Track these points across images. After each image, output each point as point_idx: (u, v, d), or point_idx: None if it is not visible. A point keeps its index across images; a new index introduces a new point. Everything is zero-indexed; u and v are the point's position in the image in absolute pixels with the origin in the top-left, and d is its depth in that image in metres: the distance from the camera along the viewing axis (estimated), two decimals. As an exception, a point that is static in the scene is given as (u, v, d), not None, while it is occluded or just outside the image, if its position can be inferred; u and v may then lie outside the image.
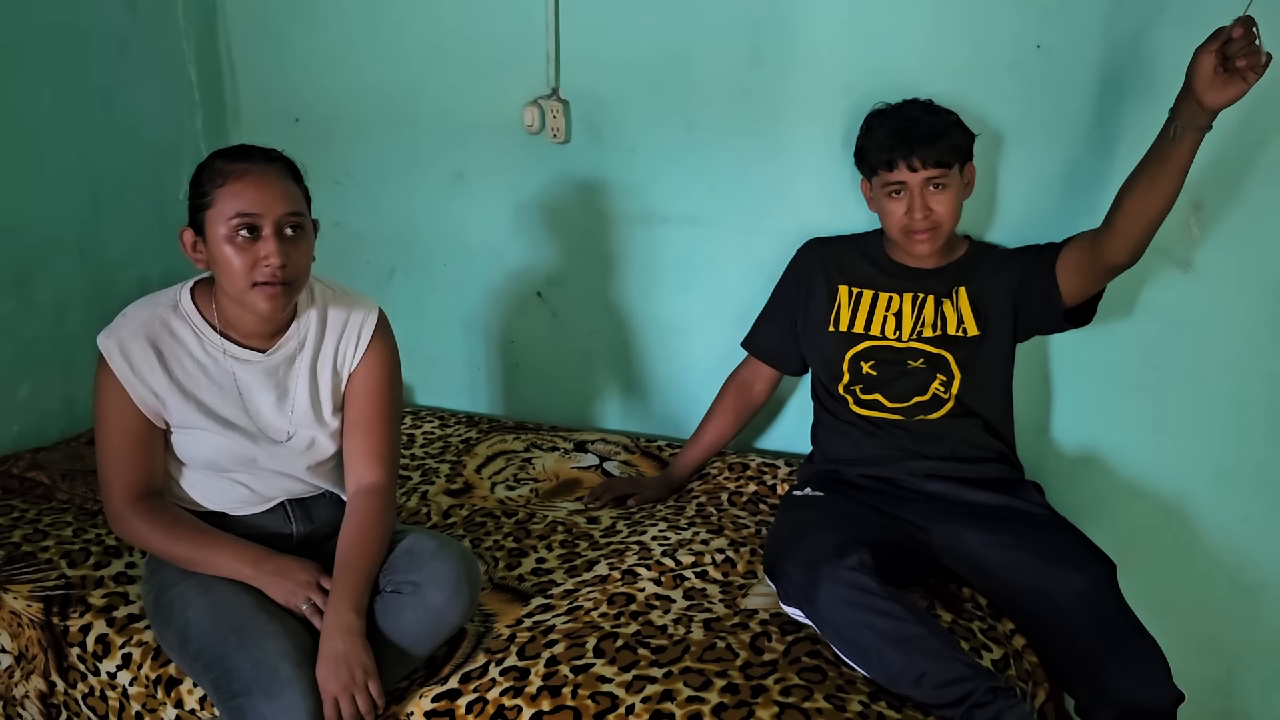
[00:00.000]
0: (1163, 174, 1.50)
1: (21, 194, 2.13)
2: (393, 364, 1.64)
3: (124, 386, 1.47)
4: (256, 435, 1.55)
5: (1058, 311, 1.74)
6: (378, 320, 1.62)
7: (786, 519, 1.72)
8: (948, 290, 1.80)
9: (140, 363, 1.48)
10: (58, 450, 2.13)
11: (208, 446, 1.53)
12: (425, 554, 1.49)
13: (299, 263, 1.45)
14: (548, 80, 2.22)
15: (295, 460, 1.58)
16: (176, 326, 1.52)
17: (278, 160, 1.49)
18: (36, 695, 1.68)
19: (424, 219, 2.47)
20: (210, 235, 1.44)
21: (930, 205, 1.72)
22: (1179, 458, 1.93)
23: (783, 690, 1.40)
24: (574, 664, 1.46)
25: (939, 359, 1.78)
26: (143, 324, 1.50)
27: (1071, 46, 1.83)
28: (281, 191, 1.44)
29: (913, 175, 1.71)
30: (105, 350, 1.48)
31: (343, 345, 1.60)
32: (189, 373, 1.51)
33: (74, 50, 2.21)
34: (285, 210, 1.43)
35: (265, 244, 1.42)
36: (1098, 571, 1.57)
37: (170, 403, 1.50)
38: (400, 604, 1.45)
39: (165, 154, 2.44)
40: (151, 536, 1.50)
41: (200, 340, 1.52)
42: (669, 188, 2.20)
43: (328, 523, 1.65)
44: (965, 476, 1.76)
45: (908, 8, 1.92)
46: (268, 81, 2.53)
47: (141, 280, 2.41)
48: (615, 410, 2.42)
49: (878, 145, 1.74)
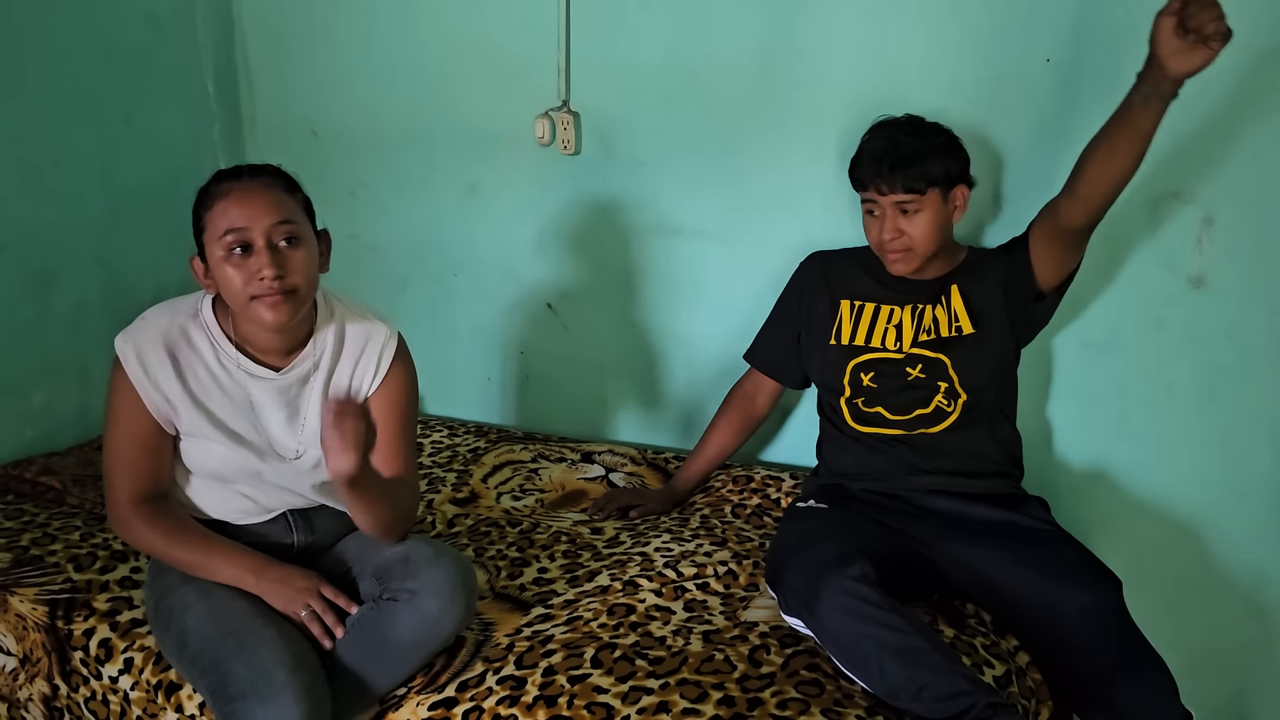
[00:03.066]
0: (1125, 142, 1.47)
1: (43, 203, 2.17)
2: (411, 389, 1.63)
3: (137, 390, 1.48)
4: (264, 451, 1.55)
5: (1031, 285, 1.72)
6: (397, 345, 1.61)
7: (789, 530, 1.71)
8: (941, 294, 1.79)
9: (155, 368, 1.49)
10: (70, 456, 2.16)
11: (214, 458, 1.54)
12: (421, 561, 1.49)
13: (298, 270, 1.44)
14: (559, 93, 2.23)
15: (301, 478, 1.59)
16: (195, 336, 1.52)
17: (266, 174, 1.48)
18: (40, 698, 1.70)
19: (437, 231, 2.49)
20: (210, 259, 1.45)
21: (901, 228, 1.71)
22: (1190, 475, 1.90)
23: (779, 704, 1.39)
24: (571, 674, 1.45)
25: (937, 364, 1.76)
26: (161, 330, 1.51)
27: (1081, 60, 1.82)
28: (269, 203, 1.43)
29: (882, 198, 1.71)
30: (121, 353, 1.48)
31: (360, 369, 1.59)
32: (202, 383, 1.52)
33: (97, 63, 2.25)
34: (274, 220, 1.42)
35: (258, 257, 1.42)
36: (1104, 589, 1.55)
37: (182, 410, 1.51)
38: (396, 611, 1.45)
39: (183, 166, 2.48)
40: (154, 540, 1.51)
41: (216, 352, 1.52)
42: (678, 200, 2.21)
43: (329, 533, 1.66)
44: (969, 492, 1.74)
45: (915, 23, 1.92)
46: (284, 95, 2.57)
47: (158, 290, 2.43)
48: (624, 422, 2.42)
49: (857, 163, 1.75)
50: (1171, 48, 1.32)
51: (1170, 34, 1.31)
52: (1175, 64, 1.33)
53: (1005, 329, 1.77)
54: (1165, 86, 1.38)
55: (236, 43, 2.57)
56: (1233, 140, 1.70)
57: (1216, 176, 1.76)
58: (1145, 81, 1.40)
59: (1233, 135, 1.46)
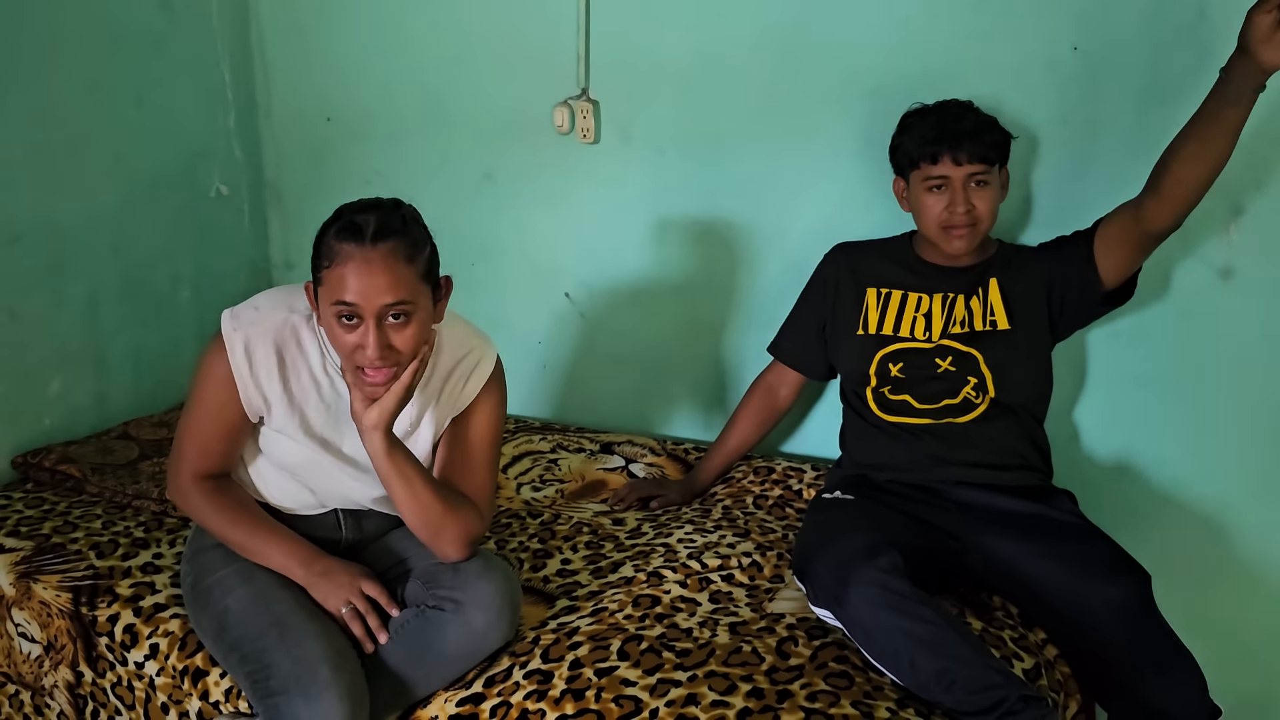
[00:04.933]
0: (1216, 136, 1.47)
1: (57, 191, 2.15)
2: (502, 411, 1.60)
3: (235, 380, 1.45)
4: (345, 459, 1.54)
5: (1096, 294, 1.71)
6: (493, 369, 1.57)
7: (816, 521, 1.70)
8: (977, 286, 1.77)
9: (260, 365, 1.46)
10: (88, 444, 2.15)
11: (295, 455, 1.52)
12: (471, 573, 1.47)
13: (403, 347, 1.38)
14: (578, 81, 2.22)
15: (373, 489, 1.55)
16: (305, 338, 1.49)
17: (390, 238, 1.35)
18: (65, 685, 1.69)
19: (453, 219, 2.44)
20: (321, 306, 1.39)
21: (972, 201, 1.70)
22: (1218, 467, 1.89)
23: (809, 695, 1.38)
24: (598, 667, 1.45)
25: (969, 359, 1.75)
26: (275, 327, 1.47)
27: (1109, 48, 1.80)
28: (386, 282, 1.34)
29: (957, 170, 1.69)
30: (229, 340, 1.45)
31: (451, 385, 1.55)
32: (304, 387, 1.49)
33: (111, 50, 2.23)
34: (385, 302, 1.34)
35: (365, 333, 1.35)
36: (1132, 582, 1.54)
37: (276, 409, 1.49)
38: (442, 621, 1.44)
39: (198, 153, 2.46)
40: (211, 516, 1.51)
41: (324, 358, 1.50)
42: (698, 189, 2.19)
43: (376, 533, 1.65)
44: (996, 484, 1.73)
45: (940, 9, 1.90)
46: (299, 81, 2.55)
47: (173, 278, 2.43)
48: (642, 412, 2.41)
49: (920, 139, 1.72)
50: (1266, 41, 1.35)
51: (1267, 29, 1.34)
52: (1270, 55, 1.36)
53: (1044, 328, 1.76)
54: (1258, 78, 1.41)
55: (252, 28, 2.55)
56: (1261, 131, 1.68)
57: (1245, 167, 1.74)
58: (1235, 76, 1.41)
59: (1261, 126, 1.45)
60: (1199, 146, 1.49)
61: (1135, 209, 1.62)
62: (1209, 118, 1.47)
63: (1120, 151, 1.82)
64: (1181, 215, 1.58)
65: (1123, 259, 1.68)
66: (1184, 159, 1.51)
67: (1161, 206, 1.57)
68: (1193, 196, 1.54)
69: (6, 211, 2.05)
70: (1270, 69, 1.38)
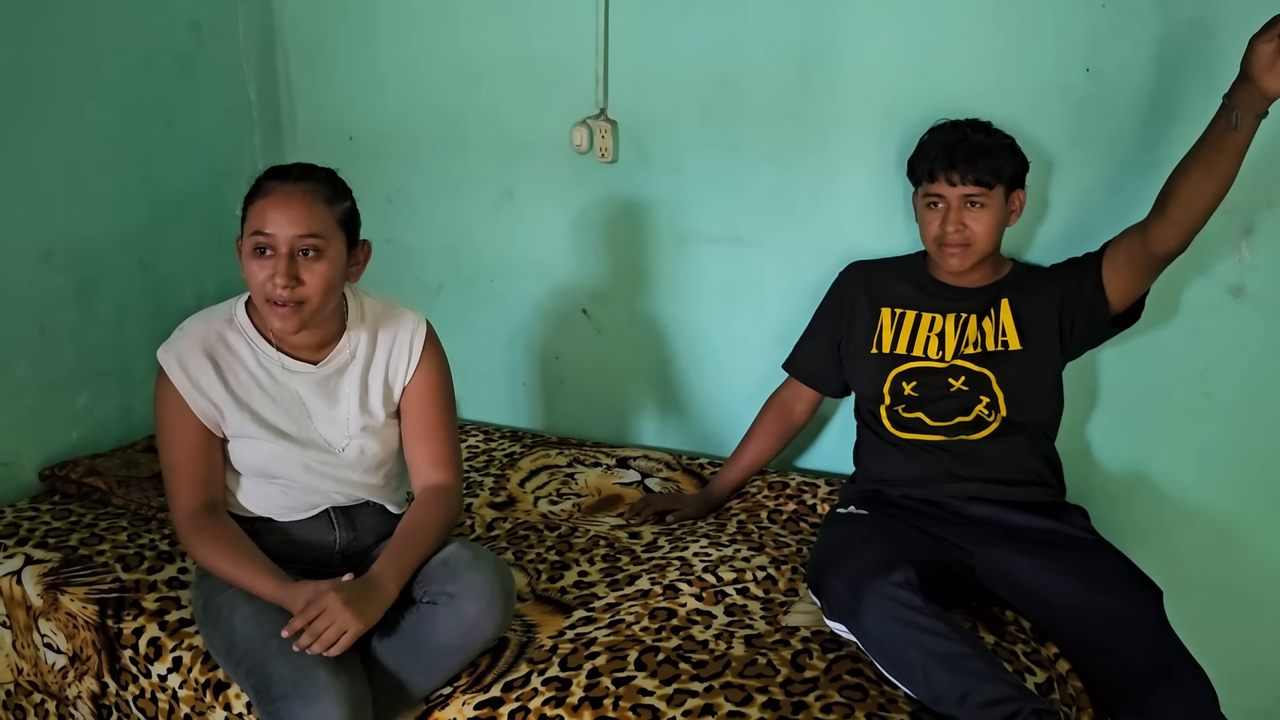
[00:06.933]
0: (1220, 161, 1.49)
1: (88, 209, 2.20)
2: (445, 373, 1.69)
3: (184, 398, 1.52)
4: (308, 444, 1.59)
5: (1105, 316, 1.73)
6: (426, 332, 1.66)
7: (831, 535, 1.72)
8: (990, 307, 1.80)
9: (198, 374, 1.53)
10: (114, 457, 2.19)
11: (261, 454, 1.58)
12: (461, 565, 1.51)
13: (312, 284, 1.47)
14: (596, 101, 2.25)
15: (345, 469, 1.62)
16: (232, 339, 1.57)
17: (313, 179, 1.50)
18: (89, 696, 1.72)
19: (473, 236, 2.51)
20: (243, 247, 1.50)
21: (965, 222, 1.73)
22: (1230, 483, 1.90)
23: (824, 708, 1.40)
24: (615, 676, 1.47)
25: (981, 379, 1.77)
26: (200, 337, 1.55)
27: (1121, 70, 1.83)
28: (301, 213, 1.46)
29: (951, 190, 1.72)
30: (165, 364, 1.53)
31: (394, 358, 1.63)
32: (243, 384, 1.56)
33: (141, 71, 2.29)
34: (299, 233, 1.45)
35: (276, 263, 1.46)
36: (1144, 597, 1.55)
37: (227, 412, 1.55)
38: (435, 614, 1.47)
39: (224, 171, 2.51)
40: (202, 552, 1.55)
41: (254, 352, 1.57)
42: (715, 208, 2.22)
43: (370, 530, 1.69)
44: (1009, 499, 1.75)
45: (955, 31, 1.93)
46: (323, 101, 2.60)
47: (198, 294, 2.47)
48: (658, 427, 2.44)
49: (923, 156, 1.77)
50: (1268, 68, 1.38)
51: (1268, 57, 1.37)
52: (1272, 83, 1.39)
53: (1055, 349, 1.78)
54: (1260, 105, 1.43)
55: (277, 50, 2.60)
56: (1271, 149, 1.70)
57: (1256, 185, 1.76)
58: (1238, 103, 1.44)
59: (1271, 144, 1.47)
60: (1203, 171, 1.51)
61: (1141, 232, 1.64)
62: (1212, 143, 1.49)
63: (1132, 171, 1.85)
64: (1187, 238, 1.60)
65: (1130, 281, 1.70)
66: (1189, 183, 1.54)
67: (1167, 229, 1.59)
68: (1198, 219, 1.57)
69: (40, 229, 2.10)
70: (1272, 96, 1.40)
